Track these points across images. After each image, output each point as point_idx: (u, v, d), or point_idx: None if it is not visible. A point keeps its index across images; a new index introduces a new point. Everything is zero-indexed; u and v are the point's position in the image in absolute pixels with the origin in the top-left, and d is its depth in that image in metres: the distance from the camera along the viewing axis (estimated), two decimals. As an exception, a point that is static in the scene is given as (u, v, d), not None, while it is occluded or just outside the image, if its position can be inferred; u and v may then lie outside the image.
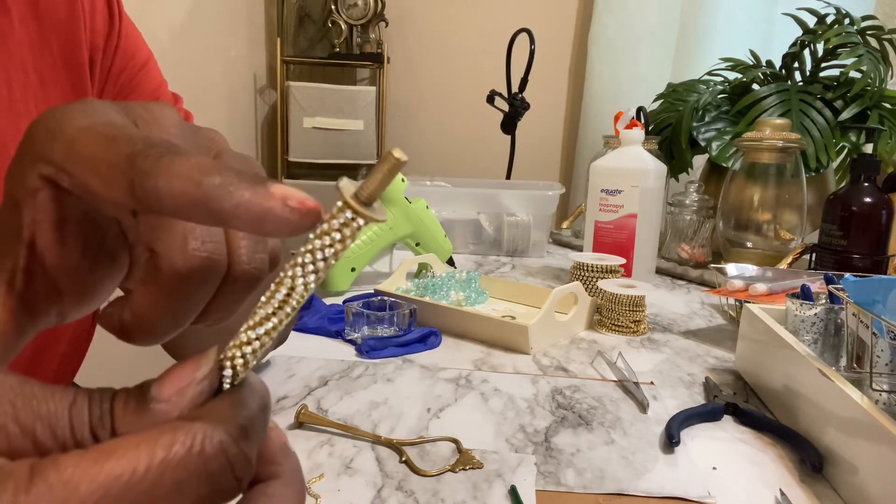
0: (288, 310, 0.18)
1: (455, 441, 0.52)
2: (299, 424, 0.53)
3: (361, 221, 0.18)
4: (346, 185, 0.18)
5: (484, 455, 0.50)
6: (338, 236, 0.18)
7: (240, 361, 0.18)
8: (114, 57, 0.49)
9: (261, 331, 0.18)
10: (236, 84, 1.97)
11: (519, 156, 1.62)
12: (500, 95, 1.49)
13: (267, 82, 2.18)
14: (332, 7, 2.00)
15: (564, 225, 1.45)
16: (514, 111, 1.50)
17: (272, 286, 0.18)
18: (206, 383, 0.18)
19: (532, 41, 1.43)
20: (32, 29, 0.44)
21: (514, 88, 1.50)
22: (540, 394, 0.62)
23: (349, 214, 0.18)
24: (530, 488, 0.46)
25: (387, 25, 2.10)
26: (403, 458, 0.49)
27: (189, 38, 1.62)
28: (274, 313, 0.18)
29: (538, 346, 0.74)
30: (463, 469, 0.48)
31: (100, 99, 0.49)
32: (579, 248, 1.15)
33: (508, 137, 1.56)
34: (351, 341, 0.74)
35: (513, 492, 0.45)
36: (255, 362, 0.19)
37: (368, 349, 0.70)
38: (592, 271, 0.89)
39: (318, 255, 0.18)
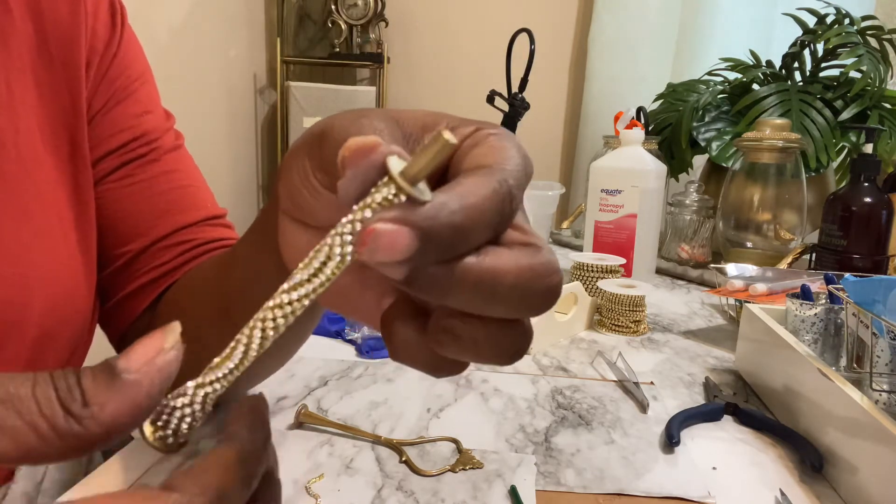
0: (322, 278, 0.18)
1: (455, 441, 0.52)
2: (299, 424, 0.53)
3: (404, 198, 0.18)
4: (394, 162, 0.18)
5: (484, 455, 0.50)
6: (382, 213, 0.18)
7: (270, 325, 0.19)
8: (111, 63, 0.49)
9: (294, 295, 0.19)
10: (236, 84, 1.97)
11: (519, 156, 1.62)
12: (500, 95, 1.49)
13: (267, 82, 2.18)
14: (332, 7, 2.01)
15: (564, 225, 1.45)
16: (514, 111, 1.49)
17: (310, 253, 0.19)
18: (173, 353, 0.18)
19: (532, 41, 1.42)
20: (32, 29, 0.44)
21: (514, 88, 1.50)
22: (540, 394, 0.62)
23: (393, 190, 0.18)
24: (530, 488, 0.46)
25: (387, 25, 2.10)
26: (403, 458, 0.49)
27: (189, 38, 1.62)
28: (309, 280, 0.18)
29: (538, 346, 0.74)
30: (463, 469, 0.48)
31: (92, 100, 0.49)
32: (579, 248, 1.15)
33: (508, 137, 1.55)
34: (351, 341, 0.74)
35: (513, 492, 0.45)
36: (284, 329, 0.19)
37: (368, 349, 0.70)
38: (592, 271, 0.89)
39: (359, 227, 0.18)
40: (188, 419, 0.19)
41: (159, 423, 0.19)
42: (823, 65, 1.23)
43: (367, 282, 0.25)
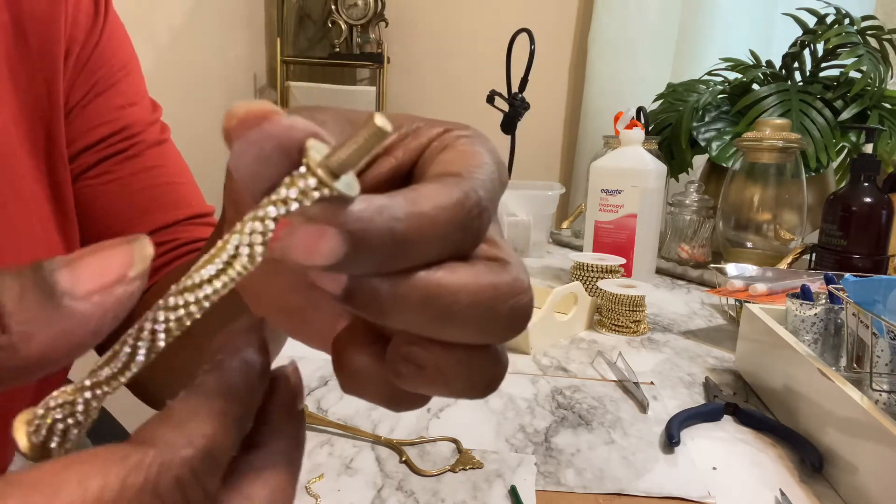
0: (226, 279, 0.15)
1: (455, 441, 0.52)
2: (299, 424, 0.53)
3: (326, 192, 0.15)
4: (316, 147, 0.15)
5: (484, 455, 0.50)
6: (295, 206, 0.15)
7: (161, 327, 0.15)
8: (92, 53, 0.47)
9: (190, 297, 0.15)
10: (236, 84, 1.97)
11: (519, 156, 1.62)
12: (500, 95, 1.49)
13: (267, 82, 2.18)
14: (332, 7, 2.00)
15: (564, 225, 1.45)
16: (514, 111, 1.49)
17: (212, 249, 0.15)
18: (137, 283, 0.14)
19: (532, 41, 1.42)
20: (7, 17, 0.42)
21: (514, 88, 1.50)
22: (540, 394, 0.62)
23: (312, 182, 0.15)
24: (530, 488, 0.46)
25: (387, 25, 2.10)
26: (403, 458, 0.49)
27: (189, 39, 1.62)
28: (207, 278, 0.15)
29: (538, 346, 0.74)
30: (463, 469, 0.48)
31: (70, 92, 0.47)
32: (579, 248, 1.15)
33: (508, 137, 1.55)
34: (351, 341, 0.74)
35: (513, 492, 0.45)
36: (177, 333, 0.15)
37: (368, 349, 0.70)
38: (592, 271, 0.89)
39: (270, 225, 0.15)
40: (73, 429, 0.15)
41: (39, 437, 0.15)
42: (823, 65, 1.23)
43: (317, 302, 0.22)
